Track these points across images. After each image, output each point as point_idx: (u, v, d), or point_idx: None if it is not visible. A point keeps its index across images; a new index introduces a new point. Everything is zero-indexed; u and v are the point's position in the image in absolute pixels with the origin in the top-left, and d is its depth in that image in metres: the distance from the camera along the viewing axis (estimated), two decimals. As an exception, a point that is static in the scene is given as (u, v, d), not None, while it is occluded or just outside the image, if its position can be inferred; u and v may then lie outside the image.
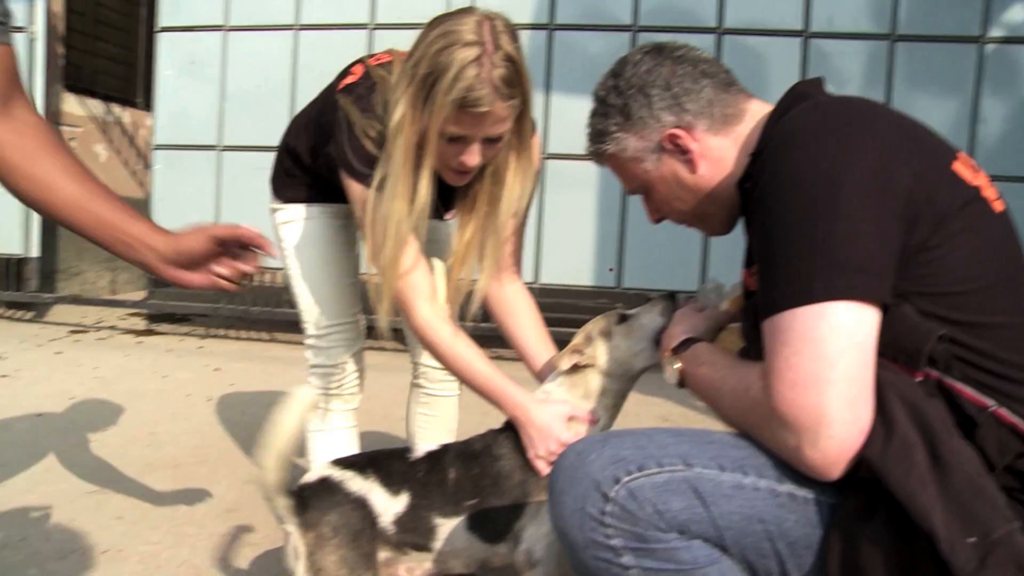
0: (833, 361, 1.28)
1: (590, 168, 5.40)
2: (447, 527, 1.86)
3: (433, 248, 2.24)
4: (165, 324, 6.69)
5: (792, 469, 1.37)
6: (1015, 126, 5.47)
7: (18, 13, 6.25)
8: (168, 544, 2.55)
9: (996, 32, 5.41)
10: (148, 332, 6.52)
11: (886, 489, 1.27)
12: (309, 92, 6.73)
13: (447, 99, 1.75)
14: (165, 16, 6.13)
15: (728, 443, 1.44)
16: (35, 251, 6.52)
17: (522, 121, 1.91)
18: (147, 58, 8.42)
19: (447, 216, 2.21)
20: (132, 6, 8.60)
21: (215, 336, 6.44)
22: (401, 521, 1.83)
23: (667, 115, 1.65)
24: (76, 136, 7.29)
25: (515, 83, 1.80)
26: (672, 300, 1.92)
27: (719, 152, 1.66)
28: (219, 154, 6.11)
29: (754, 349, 1.45)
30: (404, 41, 2.49)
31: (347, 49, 5.83)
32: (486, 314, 2.15)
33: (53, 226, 6.67)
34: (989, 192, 1.48)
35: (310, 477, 1.86)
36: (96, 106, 7.68)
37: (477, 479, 1.88)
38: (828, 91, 1.61)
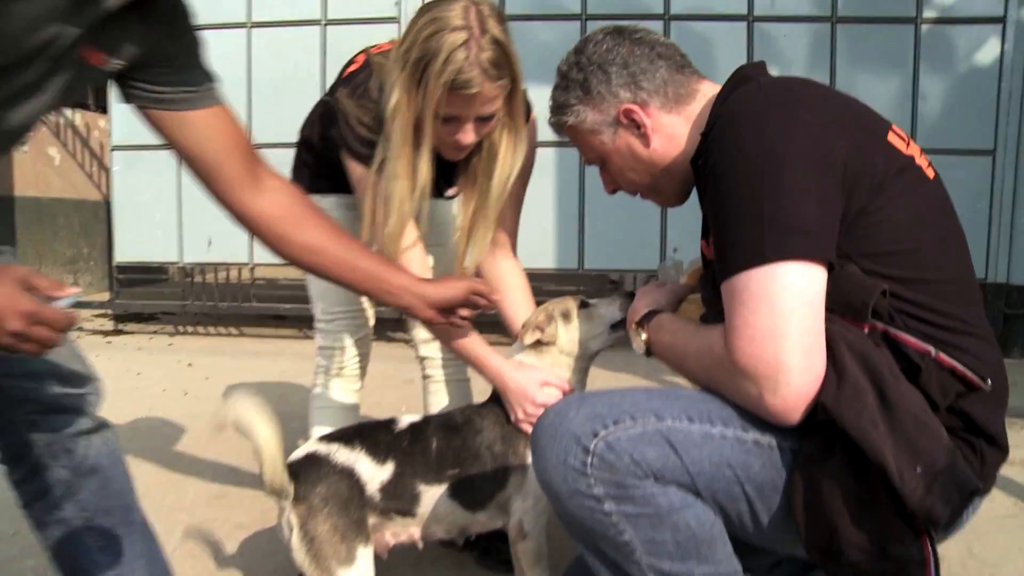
0: (787, 316, 1.40)
1: (549, 153, 5.57)
2: (430, 494, 1.95)
3: (437, 225, 2.33)
4: (132, 324, 6.69)
5: (755, 418, 1.49)
6: (953, 101, 5.65)
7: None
8: (160, 531, 2.60)
9: (930, 13, 5.57)
10: (116, 332, 6.52)
11: (841, 431, 1.39)
12: (264, 89, 6.71)
13: (439, 82, 1.85)
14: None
15: (695, 398, 1.55)
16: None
17: (513, 100, 2.01)
18: (97, 60, 8.39)
19: (448, 193, 2.31)
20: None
21: (183, 333, 6.46)
22: (386, 488, 1.91)
23: (624, 91, 1.75)
24: (28, 139, 7.23)
25: (503, 64, 1.90)
26: (630, 298, 2.03)
27: (671, 128, 1.76)
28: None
29: (714, 313, 1.57)
30: (356, 36, 2.55)
31: (300, 45, 5.88)
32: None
33: (12, 229, 6.62)
34: (921, 160, 1.61)
35: (297, 454, 1.92)
36: (49, 108, 7.58)
37: (458, 450, 1.98)
38: (770, 73, 1.74)
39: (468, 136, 1.98)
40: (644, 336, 1.78)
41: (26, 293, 1.19)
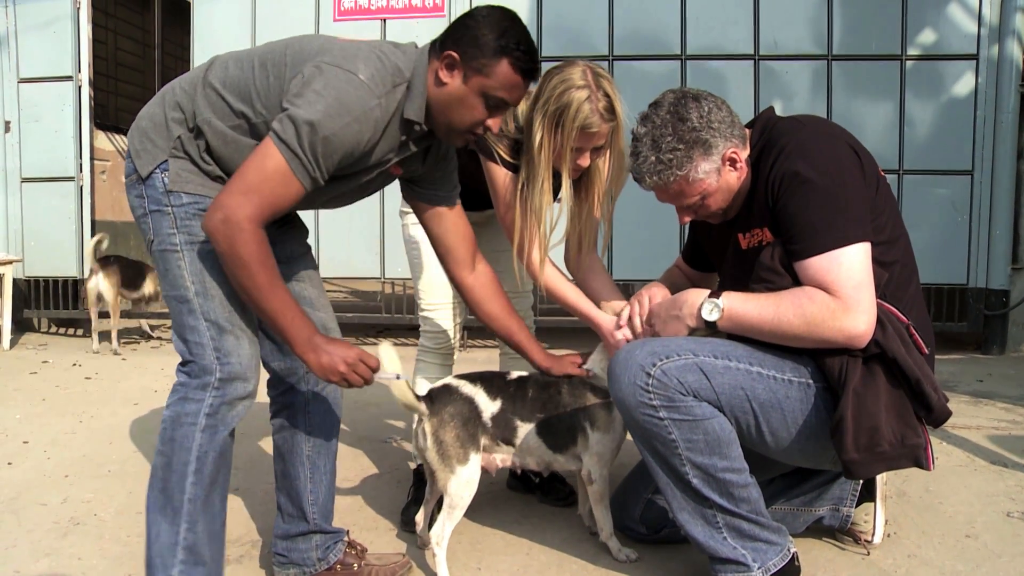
0: (867, 273, 2.04)
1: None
2: (524, 429, 2.47)
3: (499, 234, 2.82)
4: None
5: (756, 356, 2.08)
6: (935, 127, 6.10)
7: (65, 63, 6.84)
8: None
9: (913, 51, 6.04)
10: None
11: (876, 366, 2.04)
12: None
13: (573, 125, 2.37)
14: (198, 58, 6.61)
15: (716, 343, 2.14)
16: (87, 273, 6.80)
17: (616, 134, 2.51)
18: (162, 95, 9.05)
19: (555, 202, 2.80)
20: (147, 49, 9.27)
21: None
22: (495, 419, 2.42)
23: (724, 141, 2.21)
24: (107, 169, 7.80)
25: (612, 109, 2.41)
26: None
27: (744, 161, 2.26)
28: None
29: (730, 282, 2.21)
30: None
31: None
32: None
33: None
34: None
35: (436, 384, 2.46)
36: (121, 141, 8.05)
37: (545, 401, 2.49)
38: (776, 113, 2.36)
39: (585, 161, 2.50)
40: (722, 304, 2.16)
41: (353, 350, 1.99)
